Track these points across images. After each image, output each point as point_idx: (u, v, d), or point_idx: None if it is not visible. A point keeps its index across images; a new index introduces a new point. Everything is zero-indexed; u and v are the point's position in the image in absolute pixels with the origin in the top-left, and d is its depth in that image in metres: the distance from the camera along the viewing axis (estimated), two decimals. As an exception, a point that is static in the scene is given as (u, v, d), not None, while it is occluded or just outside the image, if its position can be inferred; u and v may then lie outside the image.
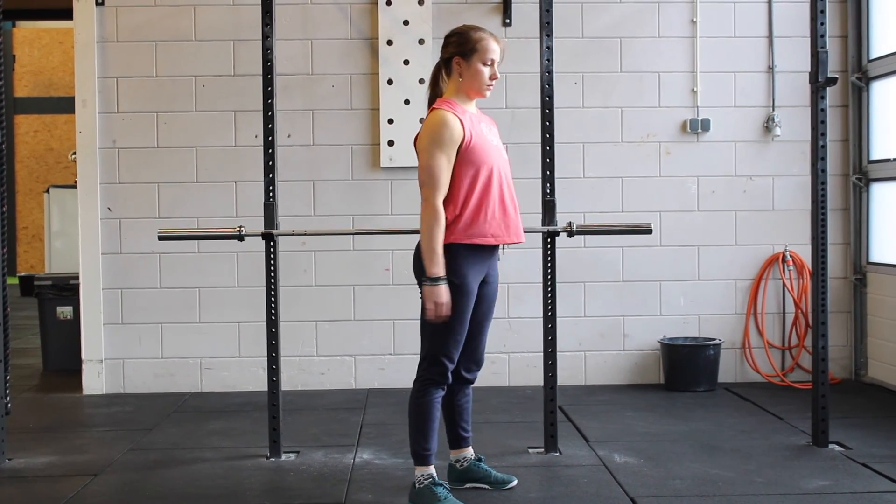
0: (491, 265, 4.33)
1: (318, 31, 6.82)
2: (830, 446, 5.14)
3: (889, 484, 4.50)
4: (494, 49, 4.27)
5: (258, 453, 5.19)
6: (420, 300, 4.18)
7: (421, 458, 4.23)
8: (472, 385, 4.49)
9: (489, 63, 4.26)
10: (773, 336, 7.00)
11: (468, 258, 4.18)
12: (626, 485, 4.54)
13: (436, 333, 4.17)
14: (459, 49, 4.26)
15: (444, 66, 4.34)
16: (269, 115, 5.15)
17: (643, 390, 6.74)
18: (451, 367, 4.22)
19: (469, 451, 4.54)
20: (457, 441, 4.53)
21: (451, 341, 4.18)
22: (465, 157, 4.15)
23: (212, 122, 6.82)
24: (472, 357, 4.39)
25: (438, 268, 4.08)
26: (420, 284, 4.17)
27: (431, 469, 4.23)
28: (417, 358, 4.32)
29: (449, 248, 4.15)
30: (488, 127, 4.36)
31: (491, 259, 4.31)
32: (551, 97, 5.15)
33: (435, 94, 4.38)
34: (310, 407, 6.33)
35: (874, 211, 6.88)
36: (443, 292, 4.08)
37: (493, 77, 4.29)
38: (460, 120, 4.16)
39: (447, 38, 4.34)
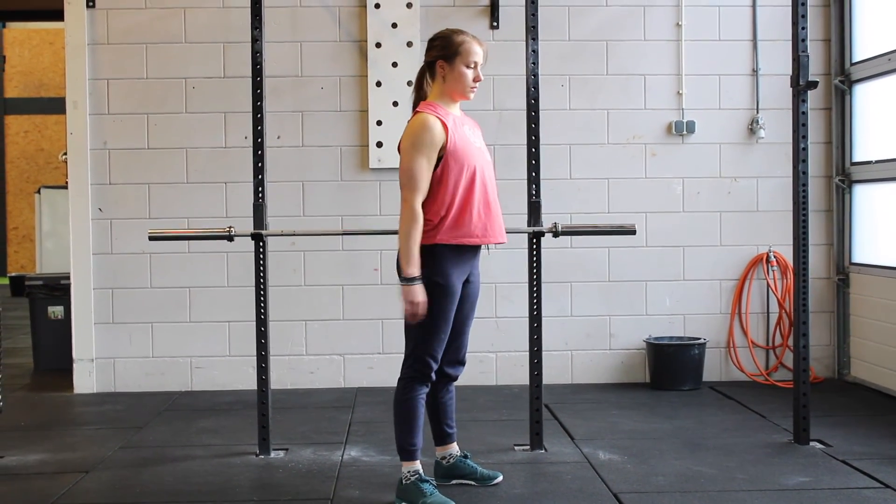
0: (473, 265, 4.40)
1: (308, 33, 6.88)
2: (811, 444, 5.22)
3: (867, 480, 4.58)
4: (477, 51, 4.34)
5: (248, 451, 5.25)
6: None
7: (407, 454, 4.30)
8: (456, 383, 4.56)
9: (472, 65, 4.32)
10: (758, 336, 7.08)
11: (452, 258, 4.24)
12: (610, 481, 4.61)
13: (420, 332, 4.24)
14: (442, 52, 4.32)
15: (427, 70, 4.41)
16: (259, 117, 5.21)
17: (629, 389, 6.81)
18: (434, 365, 4.28)
19: (454, 448, 4.61)
20: (442, 438, 4.59)
21: (435, 340, 4.25)
22: (448, 160, 4.21)
23: (202, 124, 6.87)
24: (456, 356, 4.46)
25: (414, 268, 4.15)
26: (401, 283, 4.23)
27: (418, 465, 4.30)
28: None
29: (434, 249, 4.21)
30: (472, 129, 4.42)
31: (474, 259, 4.38)
32: (537, 99, 5.22)
33: (419, 97, 4.44)
34: (299, 405, 6.39)
35: (857, 212, 6.96)
36: (418, 292, 4.15)
37: (476, 79, 4.35)
38: (443, 122, 4.22)
39: (430, 41, 4.41)
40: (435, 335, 4.24)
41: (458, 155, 4.22)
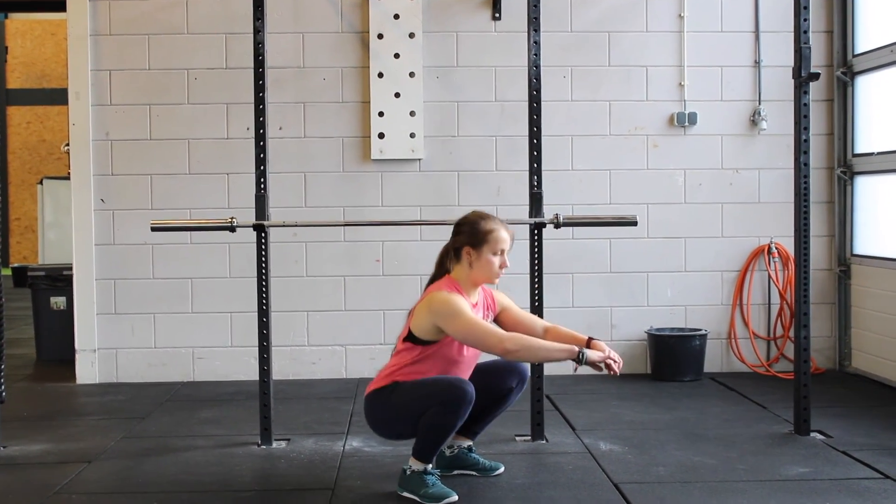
0: None
1: (310, 24, 6.88)
2: (812, 435, 5.23)
3: (868, 471, 4.59)
4: (505, 239, 4.33)
5: (249, 441, 5.27)
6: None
7: (424, 459, 4.27)
8: (518, 393, 4.54)
9: (499, 252, 4.32)
10: (759, 327, 7.09)
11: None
12: (611, 471, 4.63)
13: (422, 401, 4.21)
14: (470, 240, 4.31)
15: (453, 253, 4.38)
16: (261, 108, 5.21)
17: (630, 380, 6.82)
18: (465, 390, 4.17)
19: (465, 441, 4.61)
20: (461, 431, 4.53)
21: (435, 389, 4.21)
22: (446, 342, 4.25)
23: (204, 115, 6.88)
24: (506, 369, 4.46)
25: (566, 351, 4.13)
26: (579, 363, 4.13)
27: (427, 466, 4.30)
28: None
29: (396, 385, 4.28)
30: (483, 313, 4.43)
31: None
32: (539, 91, 5.22)
33: (440, 273, 4.43)
34: (301, 396, 6.41)
35: (858, 204, 6.97)
36: (595, 356, 4.13)
37: (502, 266, 4.35)
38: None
39: (457, 226, 4.40)
40: (431, 389, 4.21)
41: (455, 350, 4.28)
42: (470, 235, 4.32)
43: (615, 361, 4.17)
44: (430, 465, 4.28)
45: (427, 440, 4.24)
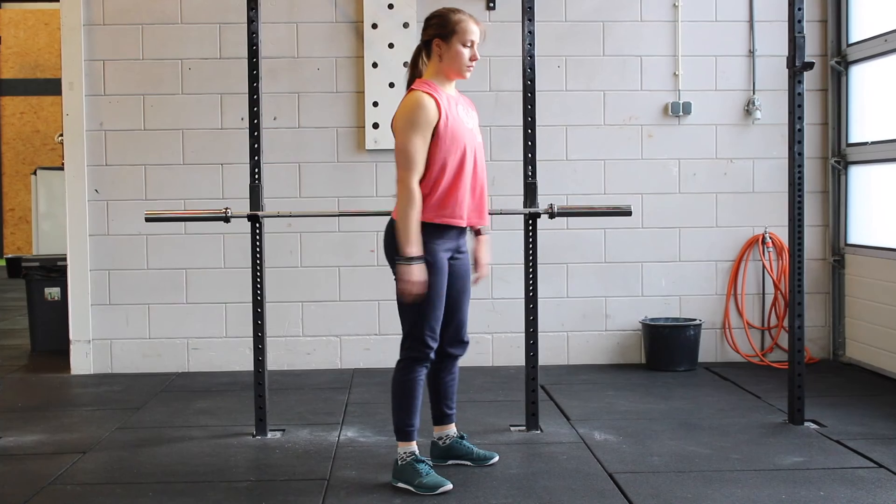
0: (460, 242, 4.41)
1: (304, 14, 6.87)
2: (806, 424, 5.25)
3: (861, 460, 4.60)
4: (474, 30, 4.33)
5: (244, 431, 5.27)
6: (395, 280, 4.25)
7: (403, 434, 4.31)
8: (458, 363, 4.58)
9: (469, 44, 4.32)
10: (753, 317, 7.10)
11: (438, 236, 4.25)
12: (605, 461, 4.64)
13: (415, 312, 4.24)
14: (439, 31, 4.32)
15: (424, 49, 4.41)
16: (255, 98, 5.20)
17: (624, 370, 6.83)
18: (433, 344, 4.29)
19: (452, 429, 4.62)
20: (440, 418, 4.61)
21: (431, 317, 4.25)
22: (438, 139, 4.21)
23: (198, 105, 6.86)
24: (457, 335, 4.47)
25: (414, 247, 4.15)
26: (393, 264, 4.23)
27: (413, 446, 4.31)
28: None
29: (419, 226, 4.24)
30: (465, 109, 4.42)
31: (459, 238, 4.38)
32: (533, 81, 5.22)
33: (414, 75, 4.44)
34: (295, 386, 6.41)
35: (852, 193, 6.97)
36: (416, 271, 4.14)
37: (472, 58, 4.35)
38: (436, 101, 4.22)
39: (427, 20, 4.41)
40: (430, 312, 4.25)
41: (449, 135, 4.22)
42: (439, 27, 4.33)
43: (413, 294, 4.16)
44: (415, 447, 4.30)
45: (398, 409, 4.31)
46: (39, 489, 4.33)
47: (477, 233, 4.54)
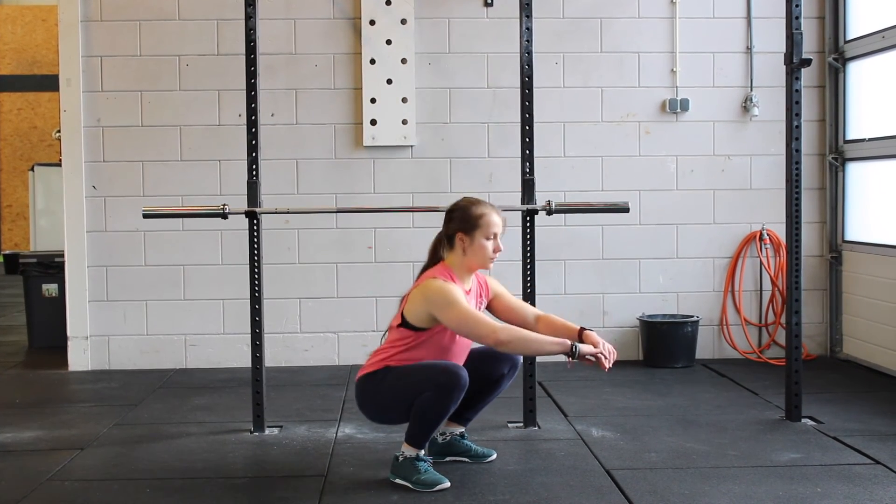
0: None
1: (301, 10, 6.86)
2: (803, 420, 5.25)
3: (858, 457, 4.61)
4: (497, 223, 4.32)
5: (242, 428, 5.27)
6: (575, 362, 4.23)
7: (416, 442, 4.27)
8: (510, 379, 4.54)
9: (492, 237, 4.31)
10: (751, 313, 7.11)
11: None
12: (603, 458, 4.64)
13: (415, 386, 4.20)
14: (462, 225, 4.30)
15: (446, 241, 4.38)
16: (253, 95, 5.20)
17: (622, 366, 6.81)
18: (459, 375, 4.16)
19: (459, 427, 4.62)
20: (453, 418, 4.56)
21: (429, 374, 4.20)
22: (438, 329, 4.25)
23: (196, 102, 6.86)
24: (498, 355, 4.41)
25: (558, 345, 4.13)
26: (572, 357, 4.16)
27: (421, 453, 4.28)
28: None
29: (388, 370, 4.28)
30: (476, 300, 4.42)
31: None
32: (531, 77, 5.21)
33: (433, 261, 4.41)
34: (293, 382, 6.41)
35: (850, 190, 6.98)
36: (584, 350, 4.16)
37: (496, 250, 4.34)
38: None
39: (448, 213, 4.39)
40: (420, 375, 4.21)
41: (447, 338, 4.28)
42: (461, 221, 4.31)
43: (606, 357, 4.20)
44: (423, 452, 4.29)
45: (420, 426, 4.24)
46: (37, 485, 4.33)
47: (580, 333, 4.35)
